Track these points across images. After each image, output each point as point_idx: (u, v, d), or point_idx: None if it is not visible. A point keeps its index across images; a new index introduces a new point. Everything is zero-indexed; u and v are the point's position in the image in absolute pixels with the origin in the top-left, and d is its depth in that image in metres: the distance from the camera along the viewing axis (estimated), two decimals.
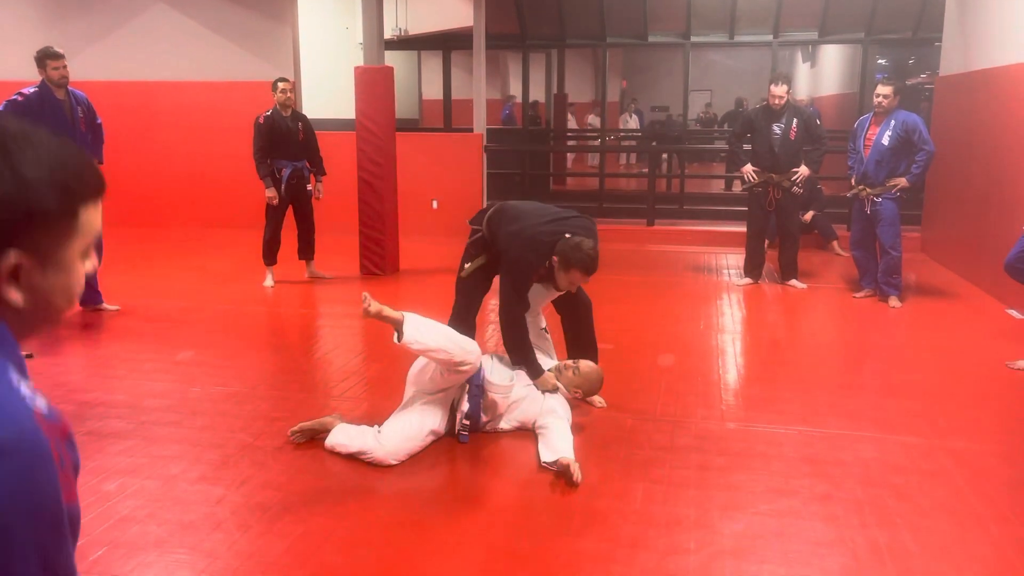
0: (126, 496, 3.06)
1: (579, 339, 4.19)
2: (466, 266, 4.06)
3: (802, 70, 19.73)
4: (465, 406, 3.56)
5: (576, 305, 4.13)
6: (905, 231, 7.71)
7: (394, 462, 3.36)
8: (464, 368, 3.41)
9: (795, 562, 2.68)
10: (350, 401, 4.16)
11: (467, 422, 3.57)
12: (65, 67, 5.44)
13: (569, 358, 4.15)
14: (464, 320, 4.01)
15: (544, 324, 4.11)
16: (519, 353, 3.76)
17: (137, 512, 2.94)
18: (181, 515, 2.93)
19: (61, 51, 5.45)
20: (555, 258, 3.68)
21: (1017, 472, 3.36)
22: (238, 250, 8.08)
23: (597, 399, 3.97)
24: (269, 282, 6.74)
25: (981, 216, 6.60)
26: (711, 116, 19.62)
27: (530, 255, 3.71)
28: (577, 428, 3.68)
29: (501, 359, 3.83)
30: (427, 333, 3.34)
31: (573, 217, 3.87)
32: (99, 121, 5.69)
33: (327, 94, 11.40)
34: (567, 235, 3.66)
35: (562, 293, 3.96)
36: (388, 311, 3.36)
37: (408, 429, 3.45)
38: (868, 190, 6.10)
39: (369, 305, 3.32)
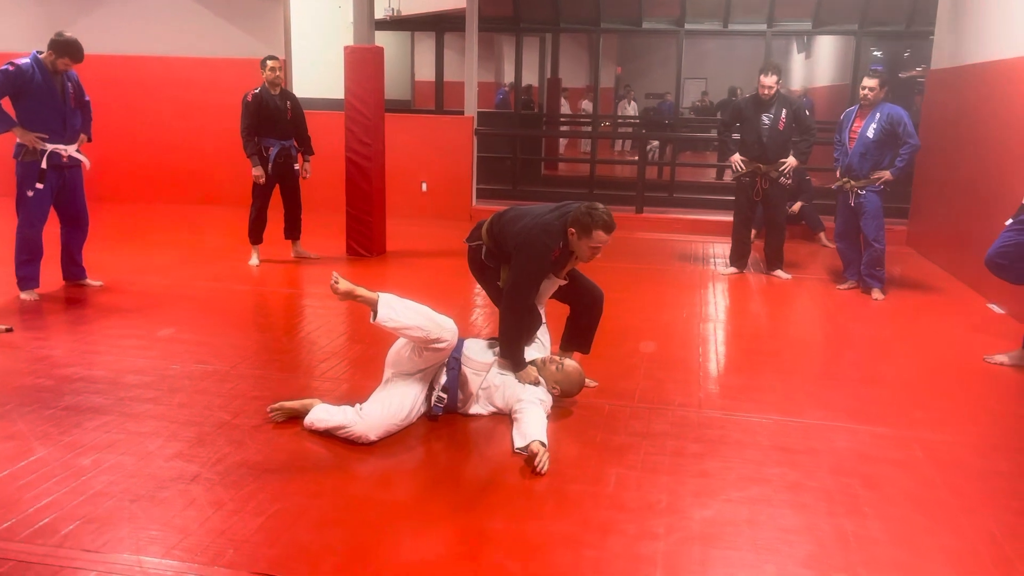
0: (101, 471, 3.07)
1: (581, 331, 4.15)
2: (499, 281, 3.97)
3: (797, 60, 19.70)
4: (443, 379, 3.59)
5: (593, 301, 4.08)
6: (891, 224, 7.75)
7: (373, 438, 3.37)
8: (440, 345, 3.43)
9: (763, 548, 2.71)
10: (331, 381, 4.17)
11: (443, 395, 3.59)
12: (72, 66, 5.39)
13: (563, 346, 4.16)
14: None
15: (543, 319, 4.07)
16: (511, 345, 3.74)
17: (111, 487, 2.95)
18: (155, 491, 2.94)
19: (82, 54, 5.35)
20: (572, 230, 3.65)
21: (987, 464, 3.40)
22: (224, 228, 8.06)
23: (589, 380, 3.94)
24: (254, 261, 6.73)
25: (966, 211, 6.63)
26: (707, 104, 19.59)
27: (545, 238, 3.68)
28: (555, 413, 3.70)
29: (490, 344, 3.83)
30: (402, 312, 3.37)
31: (574, 203, 3.83)
32: (87, 99, 5.65)
33: (318, 73, 11.34)
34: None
35: (566, 283, 3.95)
36: (360, 291, 3.38)
37: (388, 406, 3.47)
38: (852, 182, 6.12)
39: (337, 283, 3.34)
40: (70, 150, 5.44)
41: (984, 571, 2.61)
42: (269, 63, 6.56)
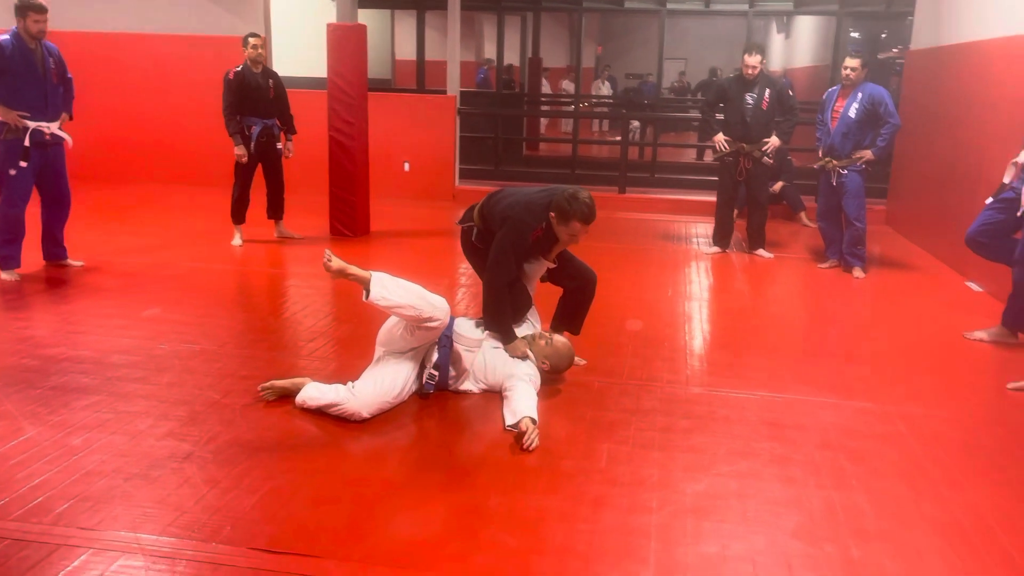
0: (92, 451, 3.05)
1: (572, 312, 4.14)
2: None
3: (777, 41, 19.75)
4: (435, 356, 3.60)
5: (585, 283, 4.07)
6: (871, 204, 7.84)
7: (366, 415, 3.38)
8: (432, 324, 3.44)
9: (753, 521, 2.76)
10: (319, 360, 4.16)
11: (435, 372, 3.60)
12: (46, 22, 5.29)
13: (553, 327, 4.16)
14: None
15: (532, 301, 4.08)
16: (496, 318, 3.77)
17: (103, 467, 2.94)
18: (148, 470, 2.93)
19: (46, 4, 5.27)
20: (552, 214, 3.67)
21: (969, 437, 3.48)
22: (207, 208, 7.98)
23: (578, 358, 3.95)
24: (237, 241, 6.68)
25: (944, 190, 6.72)
26: (684, 84, 19.60)
27: (526, 216, 3.71)
28: (545, 390, 3.73)
29: (479, 322, 3.84)
30: (394, 291, 3.38)
31: (568, 187, 3.84)
32: (70, 76, 5.57)
33: (300, 52, 11.21)
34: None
35: (555, 267, 3.95)
36: (353, 269, 3.39)
37: (381, 384, 3.48)
38: (834, 162, 6.18)
39: (330, 261, 3.35)
40: (52, 127, 5.36)
41: (966, 541, 2.67)
42: (251, 40, 6.49)
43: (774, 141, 6.61)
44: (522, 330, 3.86)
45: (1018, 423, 3.62)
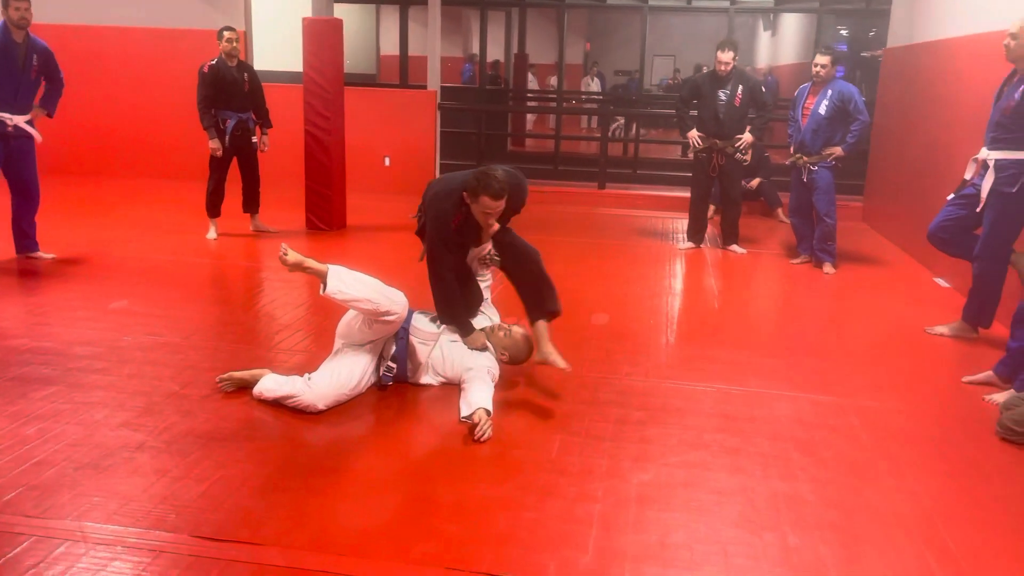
0: (45, 441, 3.07)
1: (531, 290, 3.86)
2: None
3: (763, 38, 19.80)
4: (392, 349, 3.62)
5: (518, 260, 3.88)
6: (847, 201, 7.90)
7: (322, 407, 3.41)
8: (390, 318, 3.46)
9: (696, 509, 2.79)
10: (285, 352, 4.18)
11: (392, 365, 3.62)
12: (28, 9, 5.29)
13: (529, 315, 3.98)
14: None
15: (486, 294, 4.06)
16: (448, 309, 3.78)
17: (54, 456, 2.96)
18: (99, 460, 2.95)
19: None
20: (465, 194, 3.62)
21: (919, 429, 3.52)
22: (181, 202, 7.97)
23: (561, 361, 3.72)
24: (212, 234, 6.69)
25: (917, 187, 6.77)
26: (679, 81, 19.64)
27: (444, 204, 3.68)
28: (504, 382, 3.76)
29: (434, 317, 3.85)
30: (352, 284, 3.40)
31: (496, 167, 3.70)
32: (60, 75, 5.60)
33: (279, 46, 11.18)
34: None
35: (500, 257, 3.87)
36: (310, 263, 3.41)
37: (338, 376, 3.50)
38: (805, 158, 6.23)
39: (286, 254, 3.37)
40: (16, 120, 5.35)
41: (906, 528, 2.72)
42: (226, 34, 6.49)
43: (747, 137, 6.64)
44: (478, 322, 3.88)
45: (968, 416, 3.67)
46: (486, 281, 4.07)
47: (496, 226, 3.72)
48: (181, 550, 2.44)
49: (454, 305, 3.78)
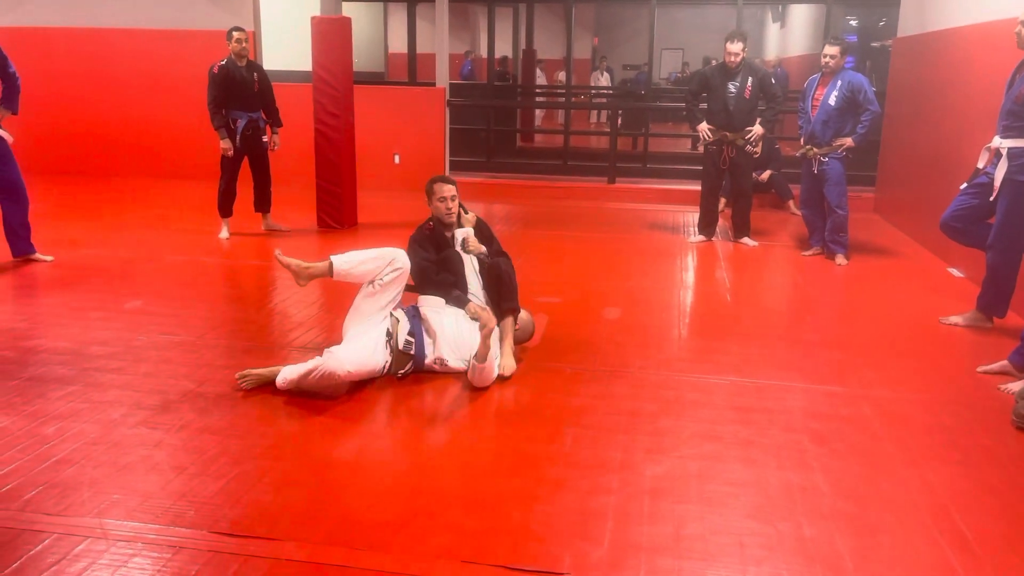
0: (64, 439, 3.11)
1: (496, 293, 4.03)
2: None
3: (772, 30, 19.70)
4: (407, 325, 3.79)
5: (494, 266, 4.07)
6: (859, 192, 7.88)
7: (349, 368, 3.47)
8: (397, 265, 3.71)
9: (711, 501, 2.80)
10: (299, 351, 4.20)
11: (411, 339, 3.76)
12: None
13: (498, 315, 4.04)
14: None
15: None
16: (445, 296, 3.95)
17: (74, 455, 2.99)
18: (117, 458, 2.98)
19: None
20: (426, 201, 4.19)
21: (932, 419, 3.51)
22: (193, 202, 8.03)
23: (507, 369, 3.81)
24: (224, 234, 6.73)
25: (929, 177, 6.73)
26: (688, 75, 19.56)
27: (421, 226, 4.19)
28: (516, 377, 3.79)
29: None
30: (352, 254, 3.73)
31: None
32: (12, 70, 5.51)
33: (288, 45, 11.23)
34: None
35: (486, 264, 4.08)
36: (314, 266, 3.73)
37: (356, 340, 3.65)
38: (815, 150, 6.20)
39: (280, 258, 3.67)
40: None
41: (921, 518, 2.71)
42: (235, 34, 6.52)
43: (757, 129, 6.62)
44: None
45: (983, 405, 3.65)
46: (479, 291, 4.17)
47: (458, 212, 4.14)
48: (200, 546, 2.47)
49: (447, 291, 3.96)
